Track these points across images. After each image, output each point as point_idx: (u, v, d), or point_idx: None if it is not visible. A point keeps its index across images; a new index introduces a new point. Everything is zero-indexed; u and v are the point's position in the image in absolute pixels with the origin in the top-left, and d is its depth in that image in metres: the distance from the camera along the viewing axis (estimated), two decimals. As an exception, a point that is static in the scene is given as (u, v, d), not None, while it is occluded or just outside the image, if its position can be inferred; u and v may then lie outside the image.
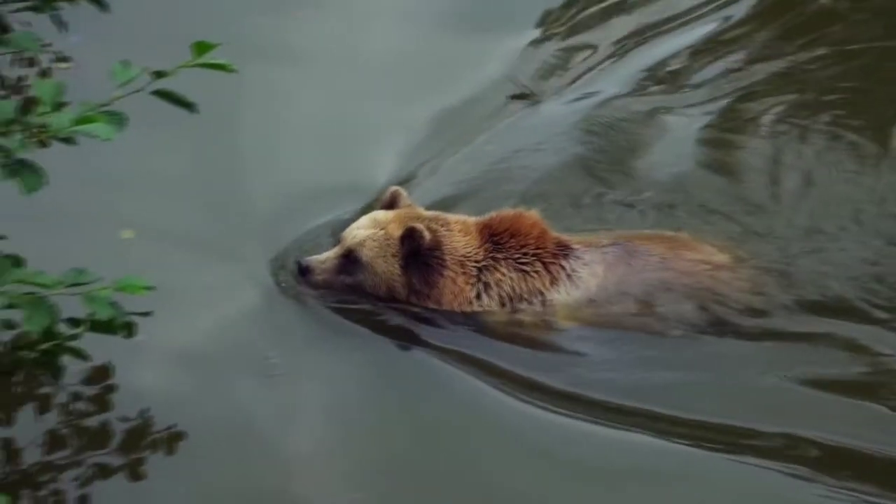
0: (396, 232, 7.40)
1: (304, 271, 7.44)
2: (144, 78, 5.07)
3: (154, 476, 6.60)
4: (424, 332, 7.51)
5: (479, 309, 7.48)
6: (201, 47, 4.95)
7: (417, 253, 7.41)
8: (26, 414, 6.83)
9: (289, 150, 8.96)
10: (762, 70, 10.06)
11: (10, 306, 5.17)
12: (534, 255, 7.48)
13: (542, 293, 7.47)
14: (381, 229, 7.44)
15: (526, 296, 7.48)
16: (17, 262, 5.25)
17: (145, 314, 5.50)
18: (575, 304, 7.48)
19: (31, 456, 6.67)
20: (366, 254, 7.46)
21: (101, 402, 6.95)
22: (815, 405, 7.10)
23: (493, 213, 7.61)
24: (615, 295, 7.49)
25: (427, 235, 7.37)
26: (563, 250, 7.51)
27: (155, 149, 7.63)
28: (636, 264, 7.52)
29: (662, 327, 7.47)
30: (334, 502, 6.67)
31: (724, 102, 9.65)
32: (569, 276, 7.46)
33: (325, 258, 7.52)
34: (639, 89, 9.83)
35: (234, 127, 8.22)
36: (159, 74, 4.98)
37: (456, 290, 7.45)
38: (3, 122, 4.91)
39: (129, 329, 5.47)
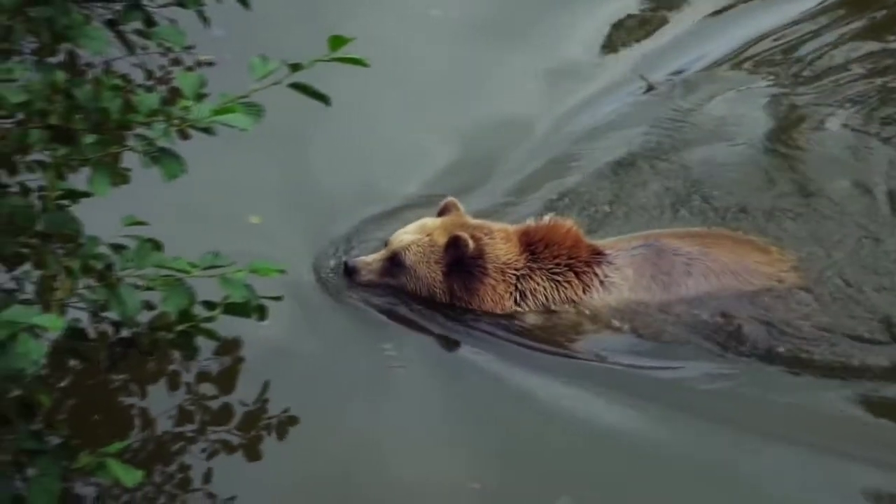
0: (441, 239, 7.67)
1: (350, 271, 7.70)
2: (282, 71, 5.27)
3: (270, 456, 6.87)
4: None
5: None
6: (336, 42, 5.09)
7: (461, 261, 7.62)
8: (158, 389, 7.13)
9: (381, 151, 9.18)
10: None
11: (149, 288, 5.40)
12: (566, 265, 7.69)
13: (574, 301, 7.67)
14: (427, 235, 7.71)
15: (559, 304, 7.66)
16: (156, 246, 5.47)
17: (276, 298, 5.68)
18: (608, 308, 7.64)
19: (163, 429, 6.96)
20: (410, 258, 7.70)
21: (224, 381, 7.21)
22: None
23: (531, 222, 7.80)
24: (644, 296, 7.65)
25: (471, 244, 7.60)
26: (596, 257, 7.71)
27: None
28: (663, 265, 7.65)
29: (687, 327, 7.59)
30: (454, 492, 6.84)
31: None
32: (601, 282, 7.65)
33: (371, 260, 7.80)
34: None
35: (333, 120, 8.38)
36: (295, 68, 5.13)
37: (496, 298, 7.68)
38: (147, 113, 5.10)
39: (261, 312, 5.67)
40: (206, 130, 5.14)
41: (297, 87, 5.21)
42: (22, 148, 5.22)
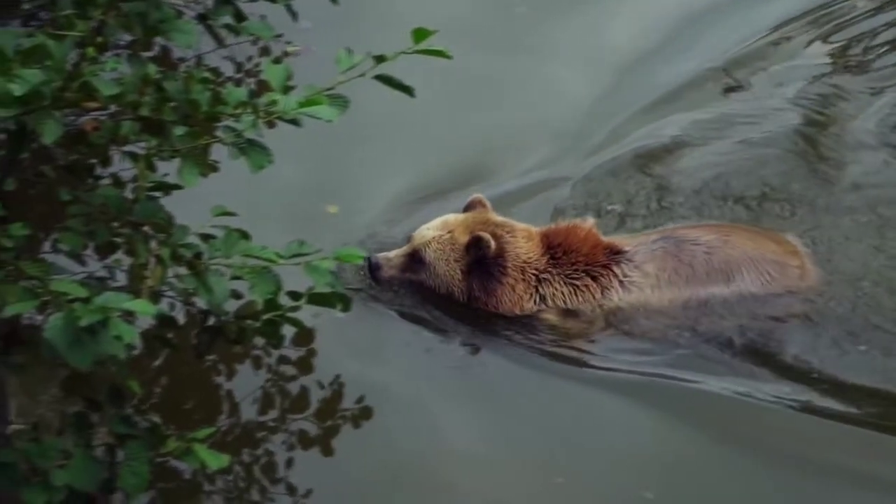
0: (462, 237, 7.64)
1: (373, 267, 7.65)
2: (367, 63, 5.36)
3: (347, 444, 7.00)
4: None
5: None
6: (420, 34, 5.16)
7: (481, 261, 7.59)
8: (244, 376, 7.28)
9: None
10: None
11: (237, 277, 5.52)
12: (584, 270, 7.65)
13: (592, 305, 7.65)
14: (448, 232, 7.68)
15: (580, 307, 7.64)
16: (244, 235, 5.58)
17: (358, 290, 5.80)
18: (629, 307, 7.62)
19: (247, 416, 7.10)
20: (430, 254, 7.67)
21: (305, 369, 7.33)
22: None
23: (552, 224, 7.78)
24: (667, 291, 7.62)
25: (492, 245, 7.57)
26: (615, 257, 7.66)
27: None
28: (684, 256, 7.62)
29: (711, 319, 7.58)
30: (535, 486, 6.90)
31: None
32: (621, 282, 7.62)
33: (393, 255, 7.74)
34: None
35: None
36: (380, 60, 5.21)
37: (515, 299, 7.66)
38: (236, 105, 5.19)
39: (344, 303, 5.78)
40: (293, 122, 5.22)
41: (381, 79, 5.28)
42: (115, 139, 5.35)
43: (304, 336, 7.33)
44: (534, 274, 7.70)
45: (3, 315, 5.01)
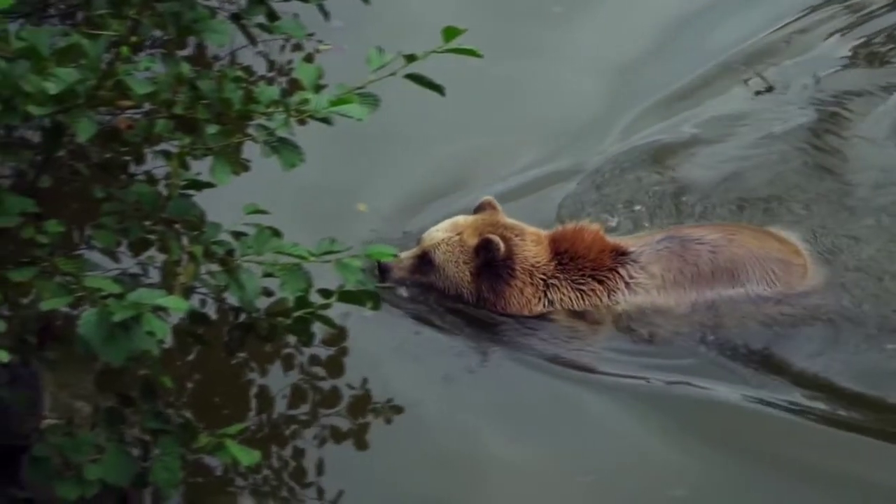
0: (471, 240, 7.63)
1: (382, 269, 7.63)
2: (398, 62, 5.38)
3: (378, 444, 7.01)
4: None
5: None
6: (450, 32, 5.17)
7: (490, 263, 7.59)
8: (275, 373, 7.31)
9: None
10: None
11: (268, 274, 5.56)
12: (590, 274, 7.65)
13: (599, 307, 7.66)
14: (458, 234, 7.67)
15: (587, 309, 7.65)
16: (275, 233, 5.61)
17: (389, 287, 5.83)
18: (635, 308, 7.63)
19: (279, 411, 7.14)
20: (439, 256, 7.66)
21: (335, 367, 7.36)
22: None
23: (559, 228, 7.78)
24: (673, 290, 7.64)
25: (502, 247, 7.57)
26: (621, 258, 7.67)
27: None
28: (689, 256, 7.62)
29: (717, 319, 7.58)
30: (563, 482, 6.93)
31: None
32: (627, 284, 7.62)
33: (403, 257, 7.70)
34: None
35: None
36: (410, 59, 5.23)
37: (523, 301, 7.67)
38: (268, 104, 5.22)
39: (374, 301, 5.80)
40: (324, 120, 5.25)
41: (412, 77, 5.30)
42: (149, 137, 5.38)
43: (335, 334, 7.36)
44: (542, 279, 7.73)
45: (39, 310, 5.08)
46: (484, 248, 7.62)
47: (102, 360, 4.79)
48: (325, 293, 5.72)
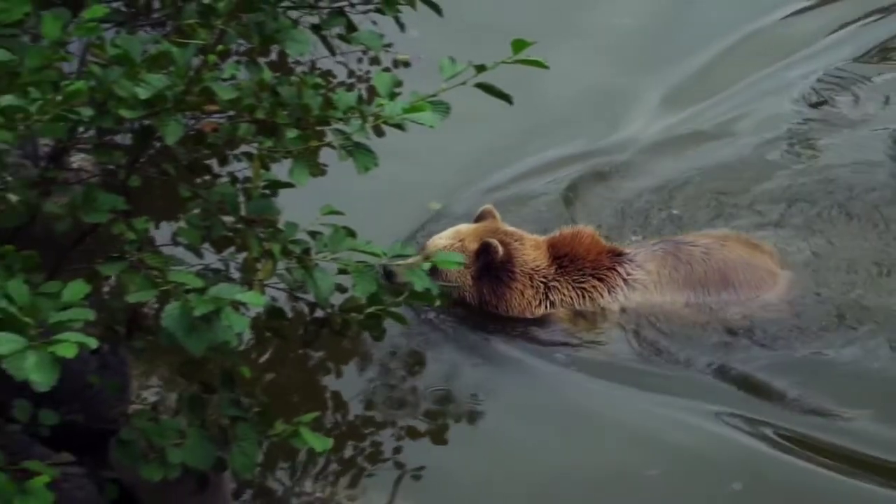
0: (472, 245, 7.63)
1: (388, 275, 7.49)
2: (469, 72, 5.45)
3: (455, 445, 7.09)
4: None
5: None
6: (518, 45, 5.24)
7: (490, 266, 7.61)
8: (350, 365, 7.41)
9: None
10: None
11: (342, 272, 5.69)
12: (591, 273, 7.72)
13: (601, 305, 7.69)
14: (460, 241, 7.67)
15: (588, 309, 7.69)
16: (350, 233, 5.72)
17: (455, 287, 5.87)
18: (634, 304, 7.68)
19: (352, 401, 7.23)
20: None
21: (412, 361, 7.43)
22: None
23: (557, 232, 7.81)
24: (668, 287, 7.68)
25: (500, 250, 7.59)
26: (618, 259, 7.74)
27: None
28: (682, 256, 7.68)
29: (712, 315, 7.63)
30: (631, 478, 6.96)
31: None
32: (625, 280, 7.67)
33: (407, 264, 7.73)
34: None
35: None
36: (480, 69, 5.30)
37: (524, 304, 7.72)
38: (345, 110, 5.32)
39: (443, 300, 5.90)
40: (398, 126, 5.33)
41: (482, 86, 5.37)
42: (231, 140, 5.47)
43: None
44: (542, 282, 7.81)
45: (126, 302, 5.20)
46: (483, 252, 7.68)
47: (185, 350, 4.91)
48: (396, 292, 5.82)
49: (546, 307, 7.81)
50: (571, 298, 7.80)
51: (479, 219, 7.97)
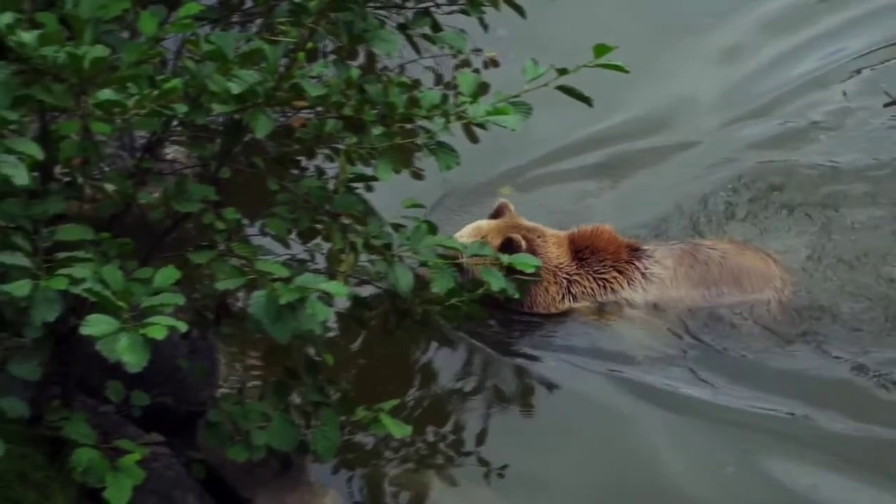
0: (495, 241, 7.47)
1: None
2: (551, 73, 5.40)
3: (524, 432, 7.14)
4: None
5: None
6: (600, 50, 5.17)
7: None
8: (430, 354, 7.47)
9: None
10: None
11: (423, 265, 5.68)
12: (611, 265, 7.64)
13: (623, 296, 7.65)
14: (482, 237, 7.46)
15: (609, 300, 7.63)
16: (431, 228, 5.75)
17: (535, 279, 5.87)
18: (652, 297, 7.65)
19: (433, 390, 7.28)
20: (466, 260, 7.56)
21: (487, 357, 7.44)
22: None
23: (575, 228, 7.75)
24: (684, 283, 7.64)
25: (523, 244, 7.46)
26: (636, 253, 7.71)
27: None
28: (700, 256, 7.64)
29: (727, 312, 7.61)
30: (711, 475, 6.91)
31: None
32: (643, 274, 7.61)
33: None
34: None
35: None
36: (562, 72, 5.24)
37: (549, 299, 7.63)
38: (429, 108, 5.30)
39: (521, 293, 5.90)
40: (481, 126, 5.30)
41: (563, 89, 5.30)
42: (319, 136, 5.50)
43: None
44: (565, 278, 7.76)
45: (215, 289, 5.27)
46: (506, 247, 7.47)
47: (271, 337, 4.94)
48: (474, 286, 5.83)
49: (569, 301, 7.77)
50: (592, 290, 7.78)
51: (496, 214, 7.90)
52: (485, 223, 7.88)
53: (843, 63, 9.91)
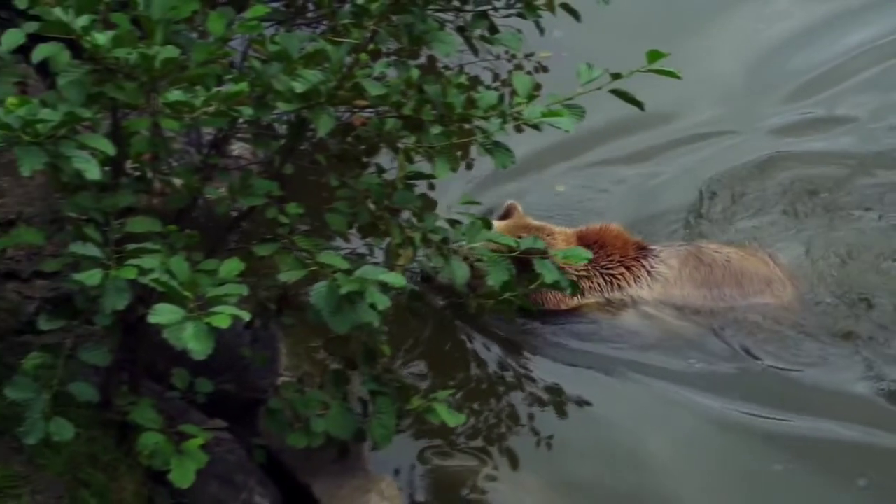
0: None
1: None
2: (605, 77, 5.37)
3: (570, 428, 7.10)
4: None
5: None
6: (653, 55, 5.16)
7: (524, 261, 7.44)
8: (485, 345, 7.47)
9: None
10: None
11: (478, 260, 5.72)
12: (619, 262, 7.59)
13: (629, 293, 7.60)
14: None
15: (616, 297, 7.57)
16: (487, 224, 5.80)
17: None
18: (657, 295, 7.58)
19: (487, 380, 7.29)
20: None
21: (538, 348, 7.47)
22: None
23: (583, 226, 7.69)
24: (688, 283, 7.58)
25: None
26: (643, 252, 7.66)
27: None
28: (704, 258, 7.59)
29: (730, 312, 7.55)
30: (751, 474, 6.90)
31: None
32: (649, 272, 7.55)
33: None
34: None
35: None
36: (616, 76, 5.24)
37: (558, 297, 7.51)
38: (486, 109, 5.32)
39: (574, 288, 5.94)
40: (535, 127, 5.32)
41: (616, 93, 5.30)
42: (379, 134, 5.54)
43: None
44: (574, 274, 7.55)
45: (278, 281, 5.33)
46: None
47: (330, 328, 4.99)
48: (530, 279, 5.84)
49: (577, 297, 7.65)
50: (600, 286, 7.73)
51: (505, 215, 7.83)
52: (493, 224, 7.85)
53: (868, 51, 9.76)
